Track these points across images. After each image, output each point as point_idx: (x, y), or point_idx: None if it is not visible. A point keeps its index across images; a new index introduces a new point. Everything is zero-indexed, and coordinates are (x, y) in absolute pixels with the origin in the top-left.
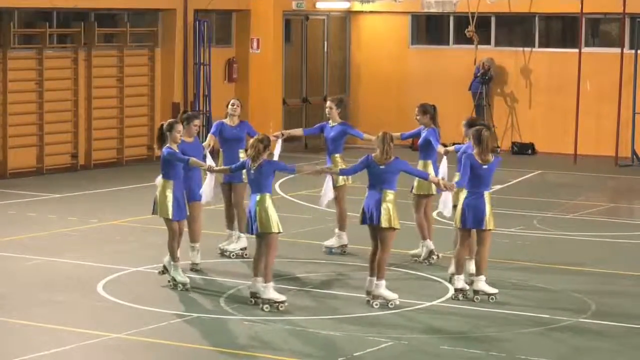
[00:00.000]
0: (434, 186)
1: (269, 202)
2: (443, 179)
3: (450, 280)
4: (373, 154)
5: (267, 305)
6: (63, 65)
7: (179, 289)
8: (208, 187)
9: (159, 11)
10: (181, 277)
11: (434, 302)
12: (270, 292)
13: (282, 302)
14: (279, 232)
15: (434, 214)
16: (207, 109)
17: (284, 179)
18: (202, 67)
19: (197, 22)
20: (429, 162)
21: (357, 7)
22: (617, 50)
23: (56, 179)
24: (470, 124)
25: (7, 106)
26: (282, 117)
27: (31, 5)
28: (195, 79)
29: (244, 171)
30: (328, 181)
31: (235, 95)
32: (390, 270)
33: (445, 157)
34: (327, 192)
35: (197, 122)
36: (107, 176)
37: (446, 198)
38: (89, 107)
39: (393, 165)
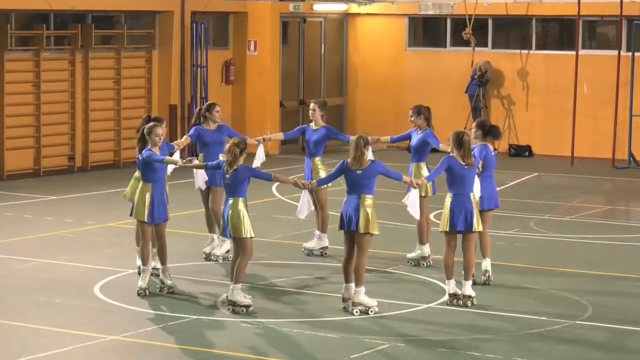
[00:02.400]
0: (429, 187)
1: (241, 207)
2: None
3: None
4: (348, 159)
5: (230, 307)
6: (60, 67)
7: (140, 294)
8: (199, 177)
9: (156, 13)
10: (142, 283)
11: (431, 305)
12: (237, 294)
13: (247, 306)
14: (250, 237)
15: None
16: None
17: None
18: (199, 69)
19: (194, 24)
20: (422, 164)
21: (355, 9)
22: (614, 52)
23: (53, 181)
24: (480, 125)
25: (4, 108)
26: (279, 119)
27: (28, 7)
28: (193, 81)
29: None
30: (305, 193)
31: (233, 97)
32: (387, 272)
33: None
34: (304, 204)
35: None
36: (104, 178)
37: (415, 197)
38: (86, 109)
39: (370, 170)
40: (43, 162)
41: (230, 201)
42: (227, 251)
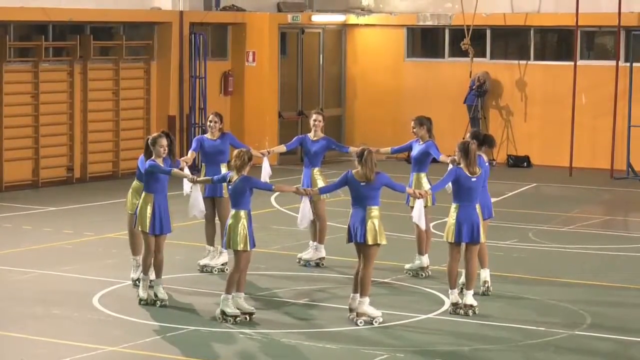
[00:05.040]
0: (429, 198)
1: (241, 219)
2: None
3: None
4: (353, 171)
5: (220, 316)
6: (59, 78)
7: (158, 304)
8: (196, 200)
9: (154, 24)
10: (143, 294)
11: (430, 315)
12: (225, 304)
13: (234, 316)
14: (245, 250)
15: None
16: (203, 122)
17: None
18: (197, 80)
19: (192, 35)
20: (422, 174)
21: (353, 20)
22: (613, 63)
23: (52, 192)
24: (474, 135)
25: (3, 119)
26: (278, 130)
27: (27, 18)
28: (191, 92)
29: (225, 185)
30: (305, 202)
31: (231, 108)
32: (385, 283)
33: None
34: (305, 213)
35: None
36: (102, 189)
37: (420, 208)
38: (85, 120)
39: (377, 182)
40: (42, 173)
41: (233, 212)
42: (224, 263)
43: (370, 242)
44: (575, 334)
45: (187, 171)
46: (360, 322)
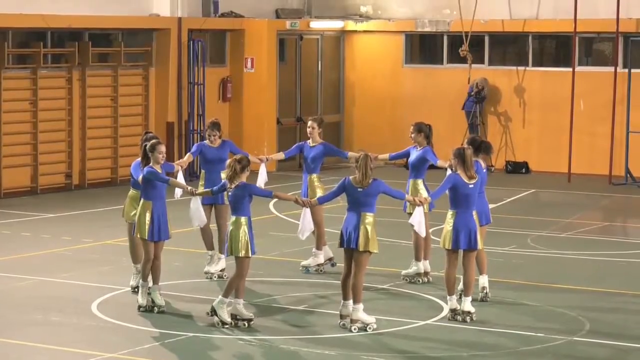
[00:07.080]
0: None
1: (242, 225)
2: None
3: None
4: (351, 177)
5: (218, 323)
6: (57, 85)
7: (155, 311)
8: (196, 211)
9: (153, 31)
10: (142, 300)
11: (429, 321)
12: (218, 307)
13: (223, 322)
14: (247, 256)
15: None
16: (202, 129)
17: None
18: (196, 86)
19: (191, 42)
20: (419, 180)
21: (351, 26)
22: (611, 69)
23: (50, 199)
24: (471, 141)
25: (2, 126)
26: (276, 136)
27: (25, 25)
28: (190, 98)
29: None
30: (306, 212)
31: (230, 114)
32: (383, 289)
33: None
34: (306, 224)
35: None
36: (101, 196)
37: (420, 215)
38: (84, 127)
39: (373, 188)
40: (40, 180)
41: (233, 219)
42: (222, 269)
43: (361, 248)
44: (573, 340)
45: (181, 176)
46: (354, 329)
